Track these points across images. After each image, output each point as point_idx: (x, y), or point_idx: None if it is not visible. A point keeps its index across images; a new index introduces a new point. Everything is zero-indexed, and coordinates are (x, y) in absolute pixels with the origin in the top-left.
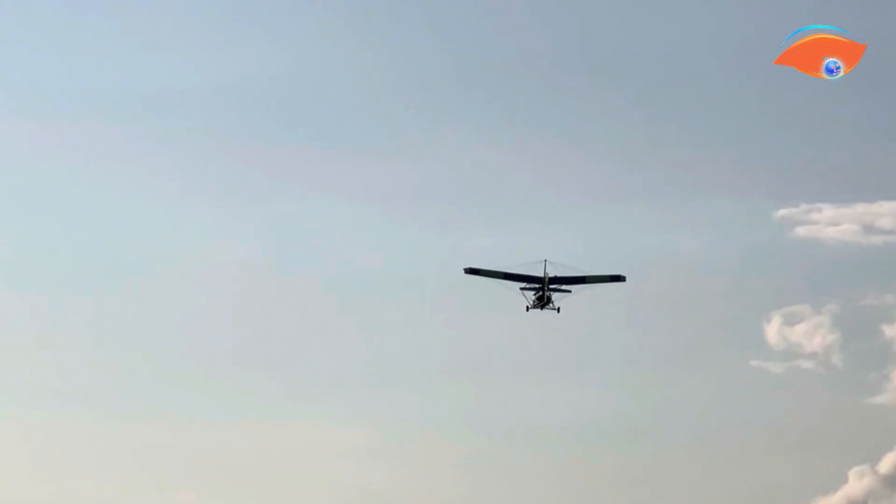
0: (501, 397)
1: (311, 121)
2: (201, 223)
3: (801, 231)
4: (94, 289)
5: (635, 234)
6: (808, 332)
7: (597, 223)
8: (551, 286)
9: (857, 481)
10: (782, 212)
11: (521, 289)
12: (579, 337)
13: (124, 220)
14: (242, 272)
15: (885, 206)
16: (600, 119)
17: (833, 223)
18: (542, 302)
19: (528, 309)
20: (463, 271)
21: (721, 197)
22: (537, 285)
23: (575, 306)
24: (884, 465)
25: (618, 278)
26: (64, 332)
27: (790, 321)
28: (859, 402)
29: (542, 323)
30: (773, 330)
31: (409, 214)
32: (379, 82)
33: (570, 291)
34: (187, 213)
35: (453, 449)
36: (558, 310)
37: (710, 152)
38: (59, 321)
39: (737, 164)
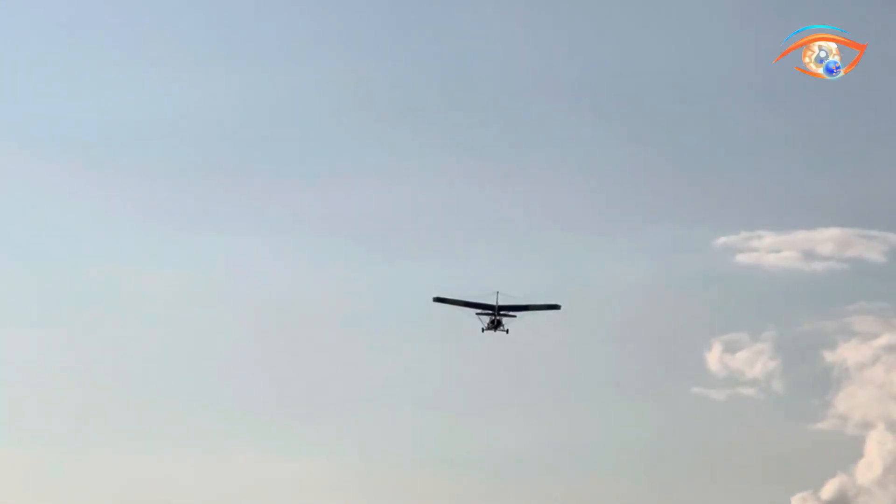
0: (443, 428)
1: (266, 149)
2: (152, 253)
3: (741, 258)
4: (39, 320)
5: (576, 261)
6: (749, 359)
7: (538, 250)
8: (501, 312)
9: None
10: (723, 239)
11: (477, 314)
12: (522, 366)
13: (71, 250)
14: (197, 303)
15: (825, 233)
16: (539, 147)
17: (773, 250)
18: (495, 325)
19: (483, 330)
20: (432, 300)
21: (661, 224)
22: (490, 312)
23: (521, 335)
24: (826, 491)
25: (554, 307)
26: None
27: (731, 348)
28: (802, 429)
29: (490, 351)
30: (714, 357)
31: (362, 242)
32: (332, 111)
33: (515, 316)
34: (136, 243)
35: (407, 480)
36: (507, 331)
37: (650, 180)
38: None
39: (677, 192)
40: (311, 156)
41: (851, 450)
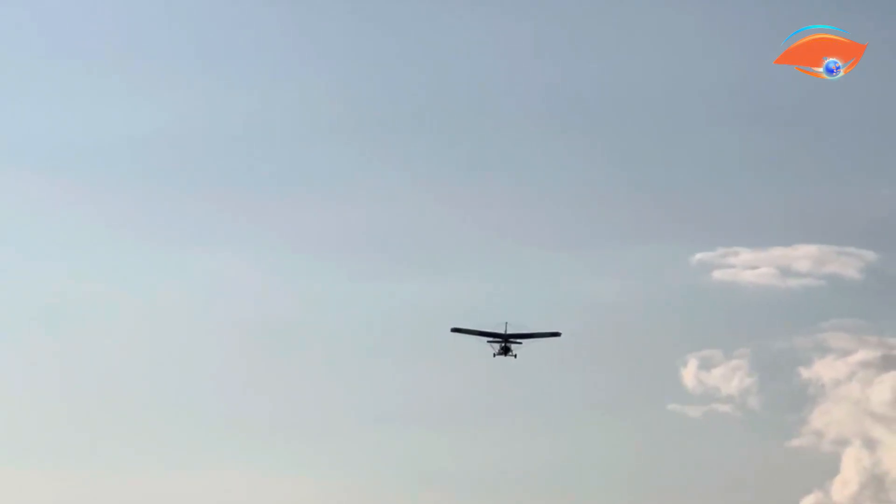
0: (419, 446)
1: (247, 167)
2: (134, 271)
3: (718, 275)
4: (22, 337)
5: (557, 281)
6: (725, 376)
7: (515, 269)
8: (509, 340)
9: None
10: (699, 256)
11: (488, 341)
12: (498, 385)
13: (55, 268)
14: (177, 320)
15: (802, 250)
16: (513, 167)
17: (750, 267)
18: (504, 351)
19: (494, 356)
20: (450, 330)
21: (638, 241)
22: (500, 340)
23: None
24: None
25: (555, 334)
26: None
27: (707, 364)
28: (777, 445)
29: (473, 371)
30: (689, 373)
31: (344, 262)
32: (319, 127)
33: (521, 343)
34: (118, 261)
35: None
36: (515, 356)
37: (627, 197)
38: None
39: (654, 209)
40: (306, 173)
41: (827, 466)
